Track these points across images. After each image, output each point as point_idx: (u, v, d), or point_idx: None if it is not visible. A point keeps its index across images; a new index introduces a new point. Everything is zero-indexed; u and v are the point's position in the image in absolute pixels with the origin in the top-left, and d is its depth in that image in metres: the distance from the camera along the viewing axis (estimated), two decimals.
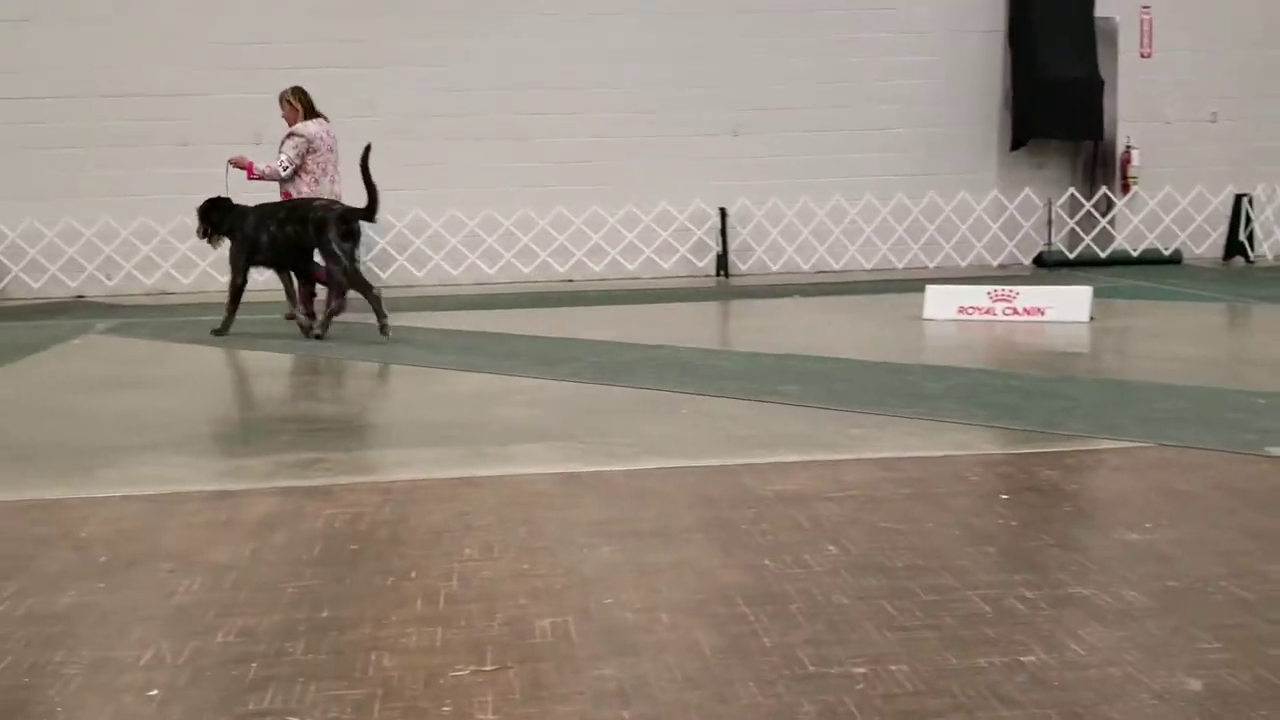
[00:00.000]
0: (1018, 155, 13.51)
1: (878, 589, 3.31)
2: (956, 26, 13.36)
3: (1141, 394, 6.00)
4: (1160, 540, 3.70)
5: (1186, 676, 2.71)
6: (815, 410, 5.75)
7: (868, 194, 13.02)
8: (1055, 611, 3.12)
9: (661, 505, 4.17)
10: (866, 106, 13.23)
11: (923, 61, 13.33)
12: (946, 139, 13.40)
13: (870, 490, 4.32)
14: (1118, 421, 5.33)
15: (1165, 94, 13.57)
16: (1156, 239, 13.35)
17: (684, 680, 2.75)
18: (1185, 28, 13.51)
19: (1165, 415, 5.44)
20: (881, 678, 2.74)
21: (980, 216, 13.20)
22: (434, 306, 10.42)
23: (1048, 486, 4.36)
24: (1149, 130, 13.56)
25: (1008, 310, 8.88)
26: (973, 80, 13.44)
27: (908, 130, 13.34)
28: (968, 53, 13.41)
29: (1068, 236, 13.47)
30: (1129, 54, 13.55)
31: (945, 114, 13.40)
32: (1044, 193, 13.42)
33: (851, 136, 13.23)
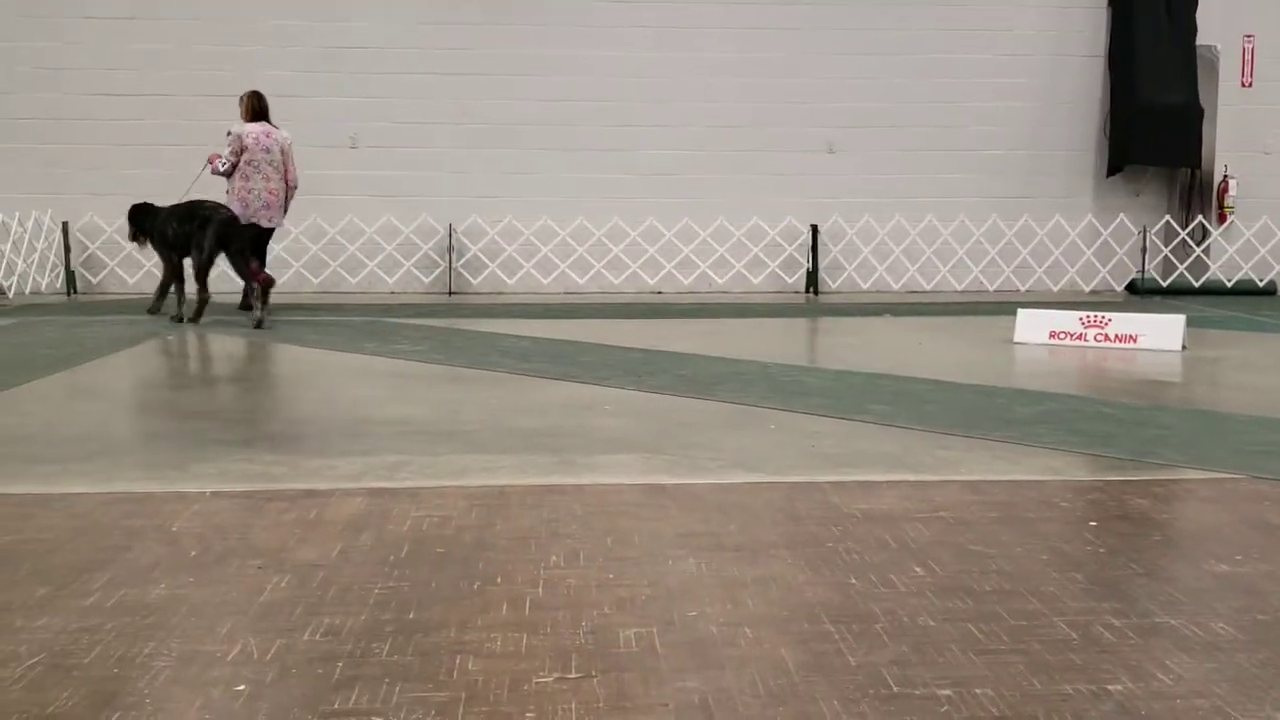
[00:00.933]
0: (1114, 181, 13.32)
1: (964, 611, 3.31)
2: (1057, 50, 13.23)
3: (1234, 425, 5.88)
4: (1251, 573, 3.63)
5: (1275, 711, 2.66)
6: (904, 430, 5.73)
7: (961, 215, 12.93)
8: (1142, 640, 3.09)
9: (747, 520, 4.19)
10: (963, 127, 13.14)
11: (1022, 84, 13.22)
12: (1043, 162, 13.26)
13: (958, 512, 4.30)
14: (1210, 452, 5.24)
15: (1265, 124, 13.28)
16: (1251, 270, 13.05)
17: (767, 695, 2.77)
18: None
19: (1259, 447, 5.33)
20: (966, 701, 2.74)
21: (1074, 241, 13.02)
22: (524, 314, 10.57)
23: (1137, 515, 4.30)
24: (1247, 160, 13.29)
25: (1099, 336, 8.75)
26: (1072, 105, 13.30)
27: (1004, 152, 13.22)
28: (1068, 76, 13.27)
29: (1162, 264, 13.23)
30: (1229, 82, 13.30)
31: (1043, 137, 13.27)
32: (1139, 219, 13.20)
33: (947, 157, 13.15)
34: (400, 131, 12.73)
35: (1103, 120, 13.25)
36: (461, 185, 12.60)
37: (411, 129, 12.71)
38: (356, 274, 12.71)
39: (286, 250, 12.43)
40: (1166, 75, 12.91)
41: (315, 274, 12.71)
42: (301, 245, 12.58)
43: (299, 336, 8.99)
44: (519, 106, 12.75)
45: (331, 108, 12.62)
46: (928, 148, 13.07)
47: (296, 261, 12.54)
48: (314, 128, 12.22)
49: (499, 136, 12.71)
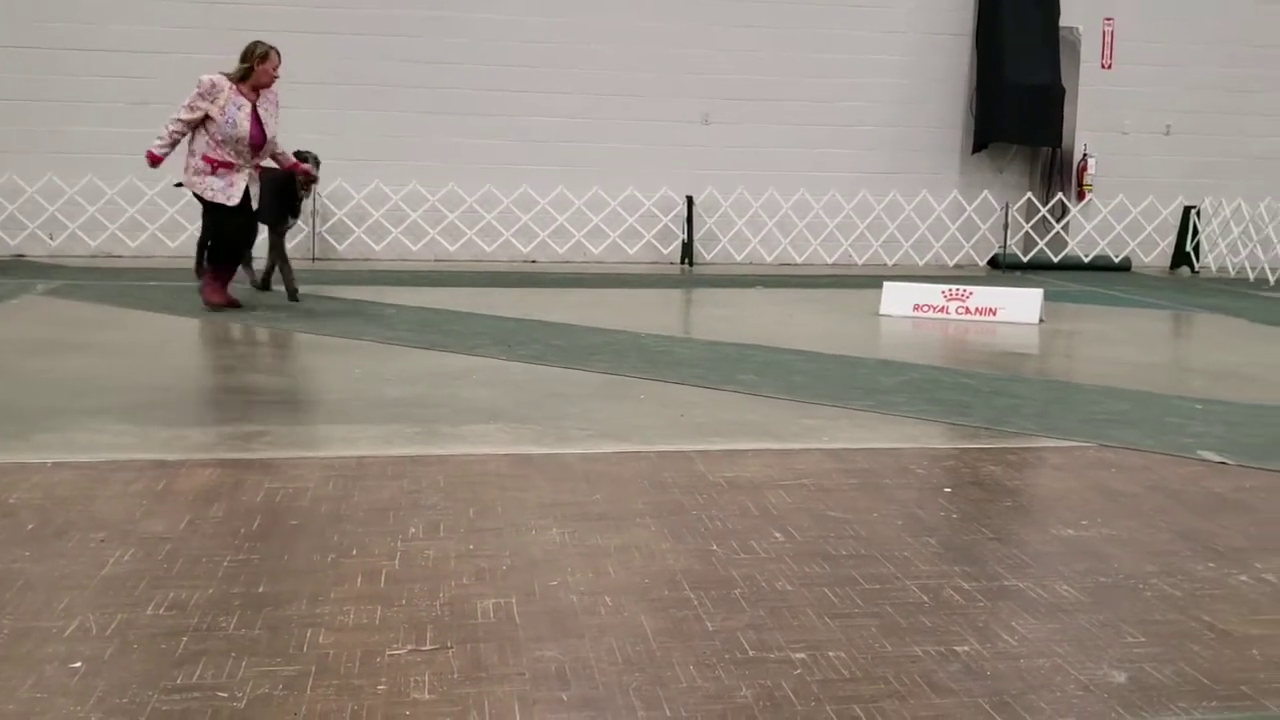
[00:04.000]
0: (979, 158, 13.65)
1: (821, 576, 3.36)
2: (927, 28, 13.47)
3: (1086, 396, 6.09)
4: (1095, 537, 3.77)
5: (1112, 669, 2.77)
6: (771, 400, 5.79)
7: (833, 189, 13.11)
8: (990, 603, 3.18)
9: (613, 489, 4.19)
10: (836, 102, 13.30)
11: (893, 61, 13.42)
12: (912, 139, 13.51)
13: (820, 480, 4.37)
14: (1061, 421, 5.42)
15: (1123, 104, 13.76)
16: (1108, 246, 13.54)
17: (624, 662, 2.77)
18: (1145, 42, 13.70)
19: (1107, 417, 5.53)
20: (819, 663, 2.78)
21: (940, 217, 13.32)
22: (393, 282, 10.37)
23: (990, 481, 4.43)
24: (1106, 140, 13.75)
25: (961, 309, 8.98)
26: (940, 83, 13.56)
27: (875, 128, 13.43)
28: (937, 55, 13.52)
29: (1023, 240, 13.63)
30: (1090, 64, 13.73)
31: (912, 114, 13.51)
32: (1002, 196, 13.57)
33: (820, 131, 13.30)
34: None
35: (969, 98, 13.57)
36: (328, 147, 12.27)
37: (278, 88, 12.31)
38: None
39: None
40: (1031, 56, 13.26)
41: (174, 239, 12.27)
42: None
43: (154, 301, 8.67)
44: (389, 67, 12.47)
45: (199, 67, 12.15)
46: (801, 122, 13.20)
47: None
48: (179, 87, 11.75)
49: (368, 98, 12.41)
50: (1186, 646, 2.91)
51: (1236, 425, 5.42)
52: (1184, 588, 3.32)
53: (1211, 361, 7.63)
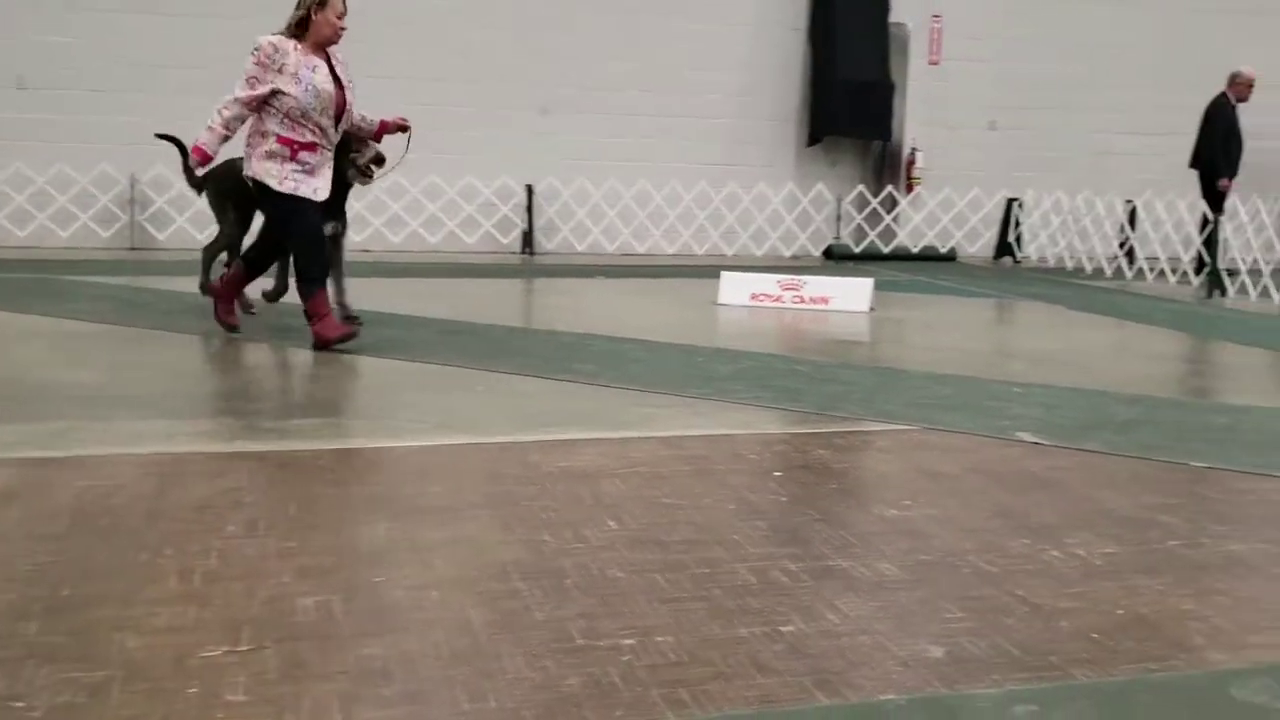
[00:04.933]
0: (813, 151, 13.95)
1: (652, 563, 3.36)
2: (762, 21, 13.68)
3: (912, 381, 6.28)
4: (917, 517, 3.88)
5: (929, 644, 2.85)
6: (609, 389, 5.80)
7: (672, 180, 13.21)
8: (816, 583, 3.24)
9: (445, 482, 4.12)
10: (674, 95, 13.39)
11: (730, 54, 13.59)
12: (749, 131, 13.71)
13: (654, 467, 4.38)
14: (888, 406, 5.57)
15: (950, 100, 14.24)
16: (935, 237, 14.02)
17: (450, 656, 2.72)
18: (971, 39, 14.21)
19: (932, 401, 5.72)
20: (648, 649, 2.78)
21: (777, 208, 13.57)
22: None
23: (819, 465, 4.52)
24: (933, 134, 14.21)
25: (795, 299, 9.17)
26: (775, 76, 13.79)
27: (713, 121, 13.58)
28: (772, 48, 13.75)
29: (855, 231, 13.99)
30: (918, 60, 14.16)
31: (749, 107, 13.71)
32: (835, 188, 13.90)
33: (659, 122, 13.38)
34: (78, 73, 11.74)
35: (804, 92, 13.86)
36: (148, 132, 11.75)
37: (90, 71, 11.75)
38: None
39: None
40: (861, 51, 13.61)
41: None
42: None
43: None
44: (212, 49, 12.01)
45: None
46: (640, 112, 13.26)
47: None
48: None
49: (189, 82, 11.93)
50: (1001, 620, 3.01)
51: (1052, 407, 5.66)
52: (999, 564, 3.44)
53: (1030, 347, 7.98)
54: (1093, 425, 5.27)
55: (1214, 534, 3.79)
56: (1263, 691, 2.59)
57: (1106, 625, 2.99)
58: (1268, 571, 3.44)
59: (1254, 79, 12.18)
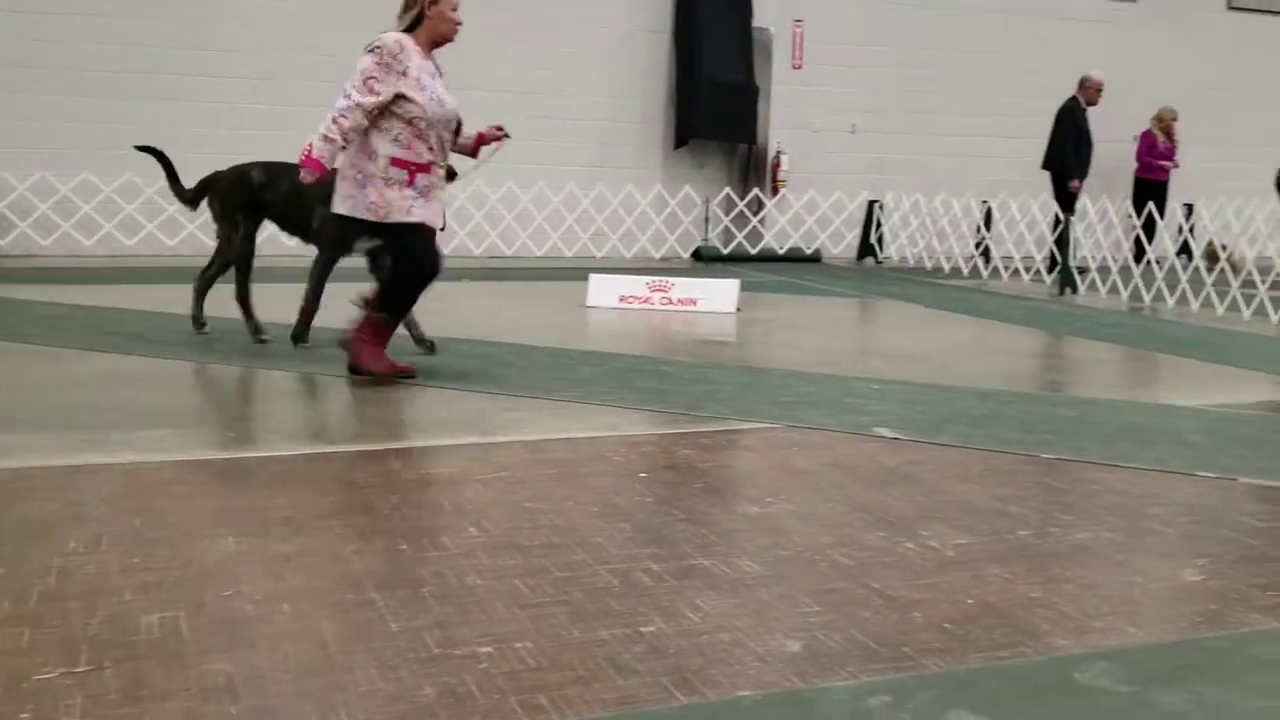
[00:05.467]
0: (681, 153, 14.05)
1: (512, 568, 3.32)
2: (628, 24, 13.73)
3: (776, 380, 6.37)
4: (778, 513, 3.93)
5: (787, 639, 2.87)
6: (474, 394, 5.73)
7: (539, 182, 13.14)
8: (677, 583, 3.24)
9: (300, 492, 4.01)
10: (541, 95, 13.33)
11: (596, 55, 13.60)
12: (617, 133, 13.74)
13: (518, 471, 4.34)
14: (753, 404, 5.63)
15: (813, 104, 14.51)
16: (800, 239, 14.25)
17: (301, 670, 2.65)
18: (832, 44, 14.50)
19: (794, 399, 5.80)
20: (506, 655, 2.75)
21: (645, 210, 13.62)
22: (63, 279, 9.57)
23: (684, 465, 4.54)
24: (797, 137, 14.46)
25: (664, 300, 9.22)
26: (642, 78, 13.85)
27: (580, 122, 13.57)
28: (638, 51, 13.80)
29: (723, 233, 14.14)
30: (782, 64, 14.39)
31: (616, 109, 13.74)
32: (703, 191, 14.03)
33: (524, 124, 13.21)
34: None
35: (670, 95, 13.95)
36: None
37: None
38: None
39: None
40: (726, 55, 13.76)
41: None
42: None
43: None
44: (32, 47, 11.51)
45: None
46: (507, 112, 13.16)
47: None
48: None
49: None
50: (856, 613, 3.06)
51: (909, 403, 5.79)
52: (856, 557, 3.50)
53: (890, 345, 8.16)
54: (948, 420, 5.41)
55: (1061, 523, 3.92)
56: (1103, 675, 2.68)
57: (958, 615, 3.06)
58: (1111, 559, 3.57)
59: (1102, 83, 12.69)
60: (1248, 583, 3.37)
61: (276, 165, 6.86)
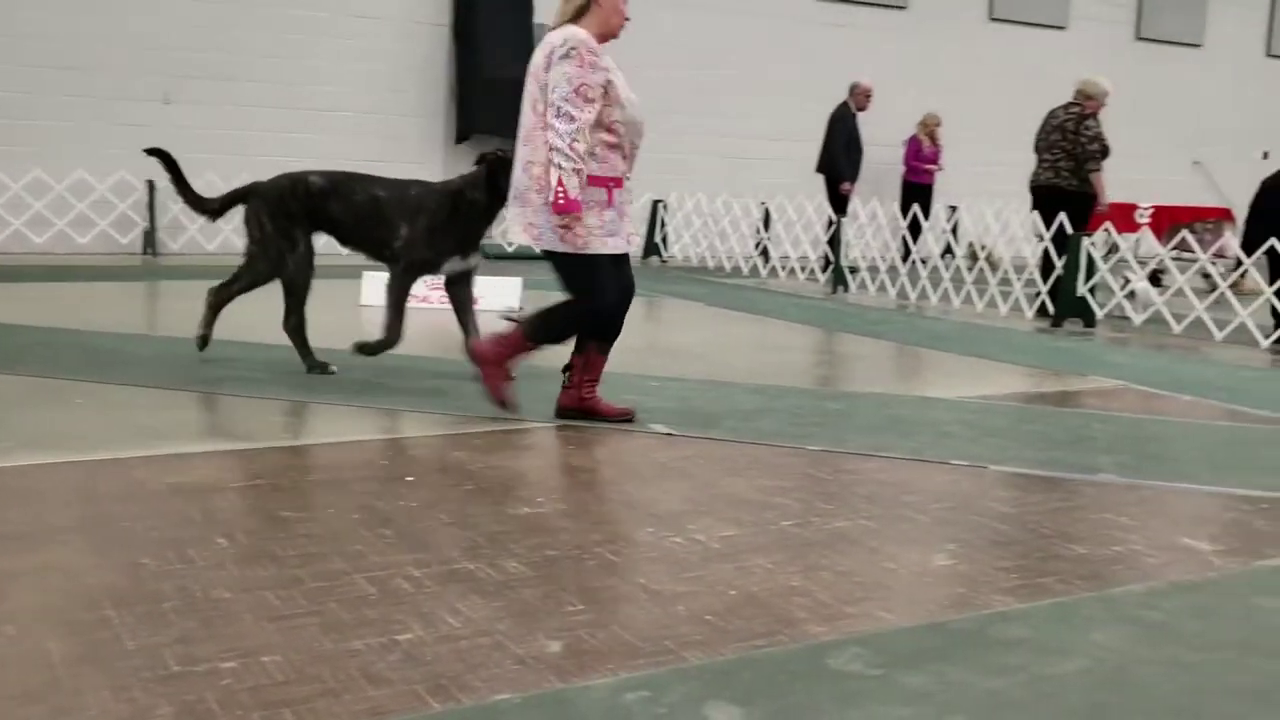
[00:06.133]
0: (462, 150, 13.85)
1: (263, 580, 3.17)
2: (406, 16, 13.46)
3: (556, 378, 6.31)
4: (549, 513, 3.89)
5: (548, 640, 2.83)
6: (234, 398, 5.47)
7: None
8: (439, 588, 3.16)
9: (32, 505, 3.72)
10: (314, 86, 12.93)
11: (374, 48, 13.28)
12: (397, 127, 13.45)
13: (276, 479, 4.16)
14: (527, 403, 5.57)
15: None
16: None
17: (23, 695, 2.44)
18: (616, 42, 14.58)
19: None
20: (251, 670, 2.61)
21: None
22: None
23: (454, 467, 4.44)
24: None
25: (443, 298, 9.01)
26: (421, 72, 13.60)
27: (357, 115, 13.22)
28: (416, 43, 13.55)
29: None
30: None
31: (395, 102, 13.45)
32: None
33: (299, 116, 12.87)
34: None
35: (450, 89, 13.75)
36: None
37: None
38: None
39: None
40: (506, 50, 13.64)
41: None
42: None
43: None
44: None
45: None
46: (278, 105, 12.70)
47: None
48: None
49: None
50: (621, 610, 3.05)
51: (685, 399, 5.86)
52: (624, 554, 3.49)
53: (670, 342, 8.25)
54: (722, 415, 5.49)
55: (822, 513, 4.02)
56: (854, 660, 2.75)
57: (719, 606, 3.09)
58: (867, 546, 3.68)
59: (871, 90, 13.23)
60: (993, 566, 3.53)
61: (340, 174, 6.23)
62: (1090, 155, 10.02)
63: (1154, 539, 3.85)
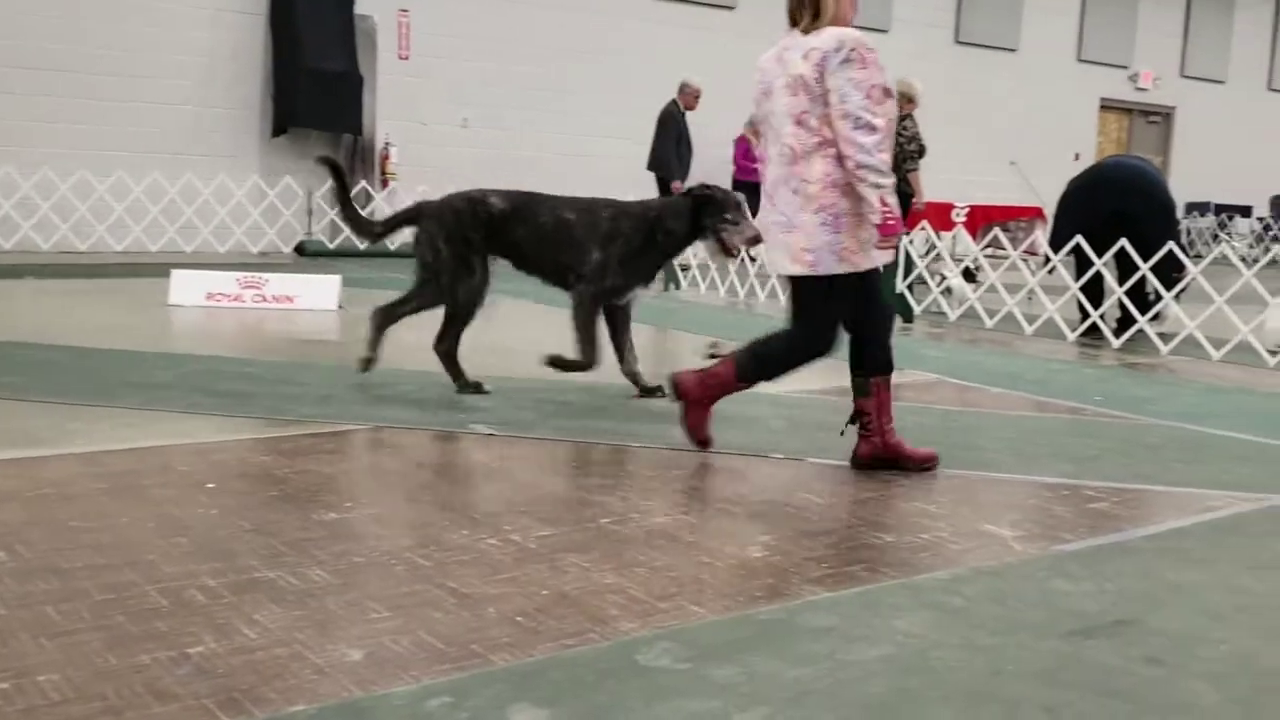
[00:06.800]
0: (280, 143, 13.45)
1: (45, 594, 2.97)
2: (217, 5, 12.96)
3: (374, 378, 6.16)
4: (357, 518, 3.76)
5: (350, 648, 2.73)
6: (25, 403, 5.16)
7: (118, 170, 12.14)
8: (235, 598, 3.01)
9: None
10: (118, 75, 12.34)
11: (185, 36, 12.76)
12: (209, 120, 12.97)
13: (65, 488, 3.92)
14: (344, 406, 5.42)
15: (421, 95, 14.33)
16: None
17: None
18: (441, 36, 14.38)
19: (391, 398, 5.64)
20: (25, 690, 2.43)
21: (241, 202, 12.93)
22: None
23: (259, 472, 4.27)
24: (408, 129, 14.24)
25: (257, 297, 8.75)
26: (235, 62, 13.15)
27: (165, 106, 12.69)
28: (230, 33, 13.10)
29: (329, 227, 13.68)
30: (388, 54, 14.11)
31: (207, 93, 12.97)
32: (305, 182, 13.51)
33: (100, 106, 12.25)
34: None
35: (267, 80, 13.32)
36: None
37: None
38: None
39: None
40: (326, 41, 13.31)
41: None
42: None
43: None
44: None
45: None
46: (76, 94, 12.07)
47: None
48: None
49: None
50: (428, 614, 2.96)
51: (510, 399, 5.78)
52: (435, 557, 3.40)
53: (496, 340, 8.13)
54: (548, 414, 5.44)
55: (642, 509, 4.00)
56: (664, 655, 2.73)
57: (531, 607, 3.03)
58: (684, 540, 3.67)
59: (700, 90, 13.36)
60: (804, 556, 3.57)
61: (521, 194, 5.90)
62: (909, 155, 10.35)
63: (959, 526, 3.97)
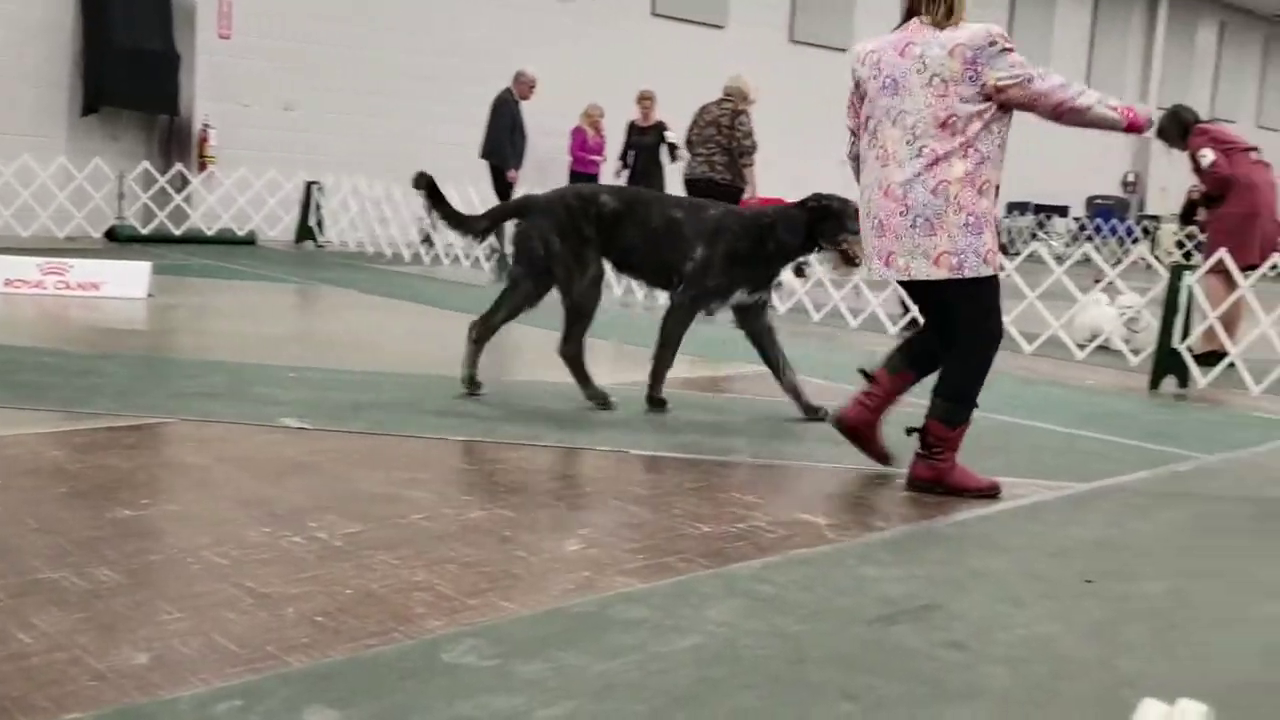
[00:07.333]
0: (90, 123, 12.79)
1: None
2: None
3: (181, 370, 5.91)
4: (153, 515, 3.58)
5: (135, 651, 2.59)
6: None
7: None
8: (13, 601, 2.82)
9: None
10: None
11: None
12: (8, 97, 12.21)
13: None
14: (147, 399, 5.17)
15: (244, 76, 13.81)
16: (231, 219, 13.49)
17: None
18: (264, 16, 13.89)
19: (198, 390, 5.40)
20: None
21: (46, 184, 12.23)
22: None
23: (49, 469, 4.02)
24: (228, 111, 13.71)
25: (60, 284, 8.29)
26: (42, 37, 12.42)
27: None
28: (35, 8, 12.35)
29: (142, 211, 13.07)
30: (207, 33, 13.56)
31: (11, 69, 12.21)
32: (117, 164, 12.87)
33: None
34: None
35: (75, 57, 12.62)
36: None
37: None
38: None
39: None
40: (140, 18, 12.70)
41: None
42: None
43: None
44: None
45: None
46: None
47: None
48: None
49: None
50: (221, 615, 2.83)
51: (324, 390, 5.60)
52: (233, 555, 3.25)
53: (316, 330, 7.93)
54: (362, 406, 5.29)
55: (458, 504, 3.92)
56: (470, 652, 2.67)
57: (333, 606, 2.93)
58: (499, 535, 3.61)
59: (535, 80, 13.24)
60: (621, 548, 3.55)
61: (630, 191, 5.56)
62: (745, 150, 10.49)
63: (775, 515, 4.01)
